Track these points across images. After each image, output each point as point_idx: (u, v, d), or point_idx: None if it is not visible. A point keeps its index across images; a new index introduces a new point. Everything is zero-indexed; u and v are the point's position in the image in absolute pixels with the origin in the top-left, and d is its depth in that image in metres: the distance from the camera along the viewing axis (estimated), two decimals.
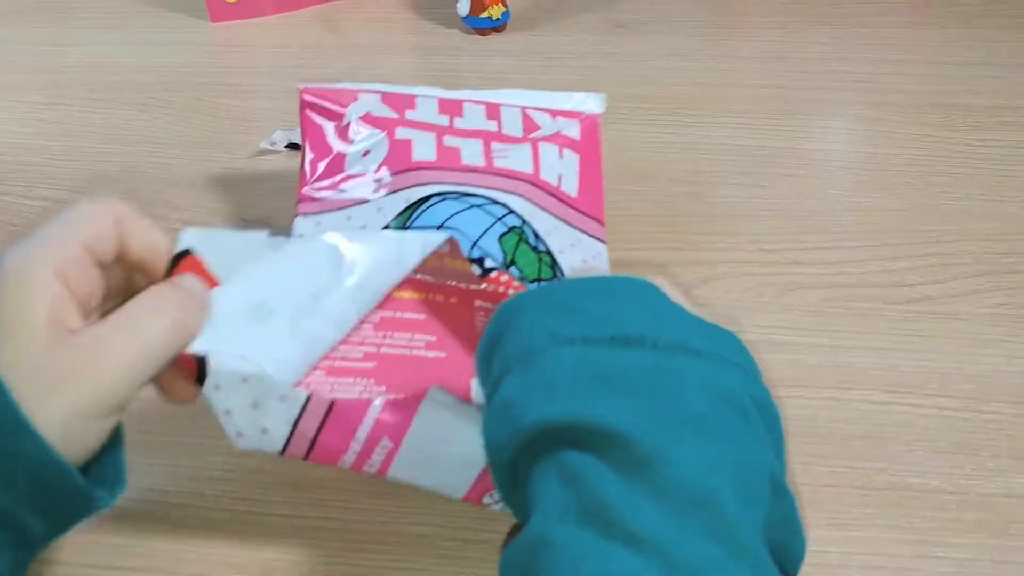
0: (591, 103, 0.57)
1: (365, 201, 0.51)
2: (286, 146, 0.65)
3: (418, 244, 0.40)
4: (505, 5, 0.77)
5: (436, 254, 0.40)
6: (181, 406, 0.38)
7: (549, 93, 0.57)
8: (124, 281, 0.37)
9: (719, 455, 0.28)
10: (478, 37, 0.78)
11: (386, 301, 0.41)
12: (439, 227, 0.48)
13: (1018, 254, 0.56)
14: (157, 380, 0.36)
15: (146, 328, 0.34)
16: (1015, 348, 0.50)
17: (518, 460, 0.30)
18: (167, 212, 0.61)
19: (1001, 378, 0.49)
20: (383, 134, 0.54)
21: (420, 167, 0.52)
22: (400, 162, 0.53)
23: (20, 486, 0.32)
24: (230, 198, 0.63)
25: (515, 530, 0.32)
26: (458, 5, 0.77)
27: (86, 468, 0.34)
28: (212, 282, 0.37)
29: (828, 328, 0.52)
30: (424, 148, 0.53)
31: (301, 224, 0.51)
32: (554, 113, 0.57)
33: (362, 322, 0.41)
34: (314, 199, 0.52)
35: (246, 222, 0.60)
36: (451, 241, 0.40)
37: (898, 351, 0.50)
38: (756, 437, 0.30)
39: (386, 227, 0.50)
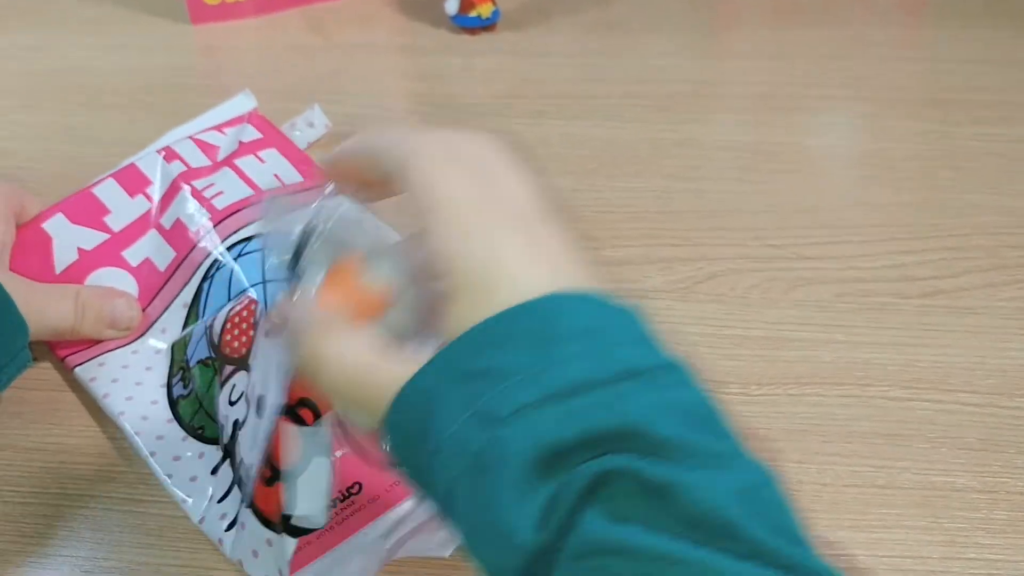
0: (243, 103, 0.60)
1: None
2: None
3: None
4: (495, 3, 0.75)
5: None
6: None
7: (203, 116, 0.60)
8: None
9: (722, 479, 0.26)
10: (467, 36, 0.76)
11: None
12: (238, 292, 0.48)
13: None
14: None
15: (56, 312, 0.48)
16: None
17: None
18: None
19: None
20: (116, 269, 0.52)
21: (166, 277, 0.51)
22: (150, 283, 0.51)
23: None
24: None
25: None
26: (447, 4, 0.75)
27: None
28: None
29: (842, 323, 0.50)
30: (159, 253, 0.52)
31: (81, 374, 0.48)
32: (220, 128, 0.58)
33: None
34: (75, 353, 0.49)
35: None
36: (246, 304, 0.46)
37: (916, 346, 0.48)
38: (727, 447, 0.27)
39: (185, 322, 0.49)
